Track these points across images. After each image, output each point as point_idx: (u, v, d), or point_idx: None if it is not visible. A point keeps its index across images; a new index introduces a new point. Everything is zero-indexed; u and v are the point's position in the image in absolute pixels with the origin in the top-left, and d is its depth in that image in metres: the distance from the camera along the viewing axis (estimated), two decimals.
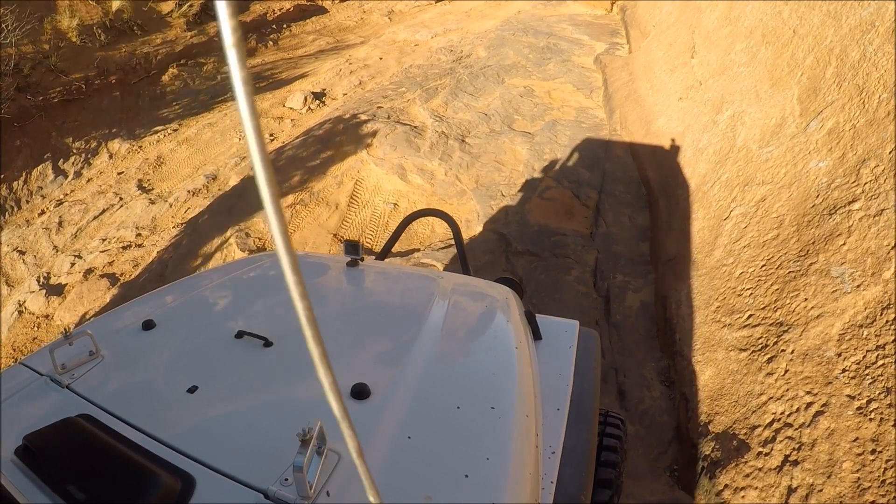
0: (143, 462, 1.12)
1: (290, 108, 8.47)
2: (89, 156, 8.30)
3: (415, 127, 6.86)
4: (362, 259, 2.26)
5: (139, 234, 6.13)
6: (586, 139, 6.25)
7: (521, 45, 9.53)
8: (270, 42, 11.84)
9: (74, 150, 8.29)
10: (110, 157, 8.28)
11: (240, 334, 1.63)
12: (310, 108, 8.35)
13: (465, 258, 2.90)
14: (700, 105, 4.92)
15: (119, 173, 7.75)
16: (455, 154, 6.19)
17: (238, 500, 1.09)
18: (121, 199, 7.03)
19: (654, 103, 6.05)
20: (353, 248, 2.25)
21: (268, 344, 1.58)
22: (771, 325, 2.70)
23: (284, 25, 12.48)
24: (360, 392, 1.36)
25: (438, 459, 1.23)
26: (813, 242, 2.74)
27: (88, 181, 7.81)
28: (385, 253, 3.10)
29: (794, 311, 2.61)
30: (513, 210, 5.13)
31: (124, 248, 5.95)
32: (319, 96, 8.65)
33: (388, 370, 1.51)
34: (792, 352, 2.50)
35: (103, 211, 6.82)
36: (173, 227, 6.10)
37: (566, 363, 2.01)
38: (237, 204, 6.08)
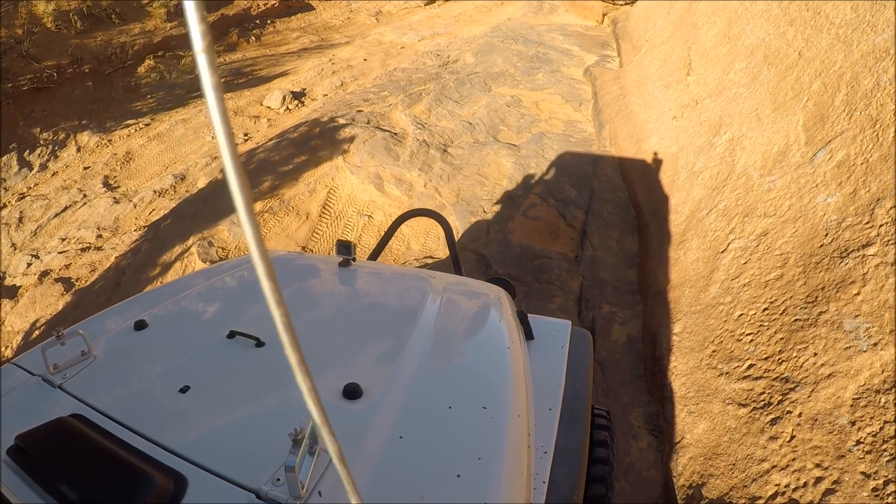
0: (136, 462, 1.12)
1: (268, 107, 8.12)
2: (56, 148, 7.92)
3: (395, 134, 6.55)
4: (354, 259, 2.26)
5: (100, 236, 5.77)
6: (574, 155, 5.99)
7: (509, 52, 9.27)
8: (253, 37, 11.48)
9: (41, 142, 7.92)
10: (78, 150, 7.90)
11: (232, 334, 1.63)
12: (288, 108, 8.01)
13: (458, 258, 2.90)
14: (696, 125, 4.68)
15: (85, 168, 7.37)
16: (436, 164, 5.88)
17: (230, 500, 1.10)
18: (85, 196, 6.67)
19: (646, 120, 5.81)
20: (346, 249, 2.25)
21: (260, 344, 1.58)
22: (775, 379, 2.43)
23: (268, 21, 12.15)
24: (352, 392, 1.37)
25: (430, 459, 1.23)
26: (822, 288, 2.48)
27: (53, 175, 7.41)
28: (377, 253, 3.13)
29: (801, 366, 2.35)
30: (494, 228, 4.83)
31: (83, 249, 5.59)
32: (299, 96, 8.30)
33: (380, 370, 1.52)
34: (799, 414, 2.23)
35: (66, 208, 6.46)
36: (135, 230, 5.74)
37: (558, 363, 2.04)
38: (202, 209, 5.71)
